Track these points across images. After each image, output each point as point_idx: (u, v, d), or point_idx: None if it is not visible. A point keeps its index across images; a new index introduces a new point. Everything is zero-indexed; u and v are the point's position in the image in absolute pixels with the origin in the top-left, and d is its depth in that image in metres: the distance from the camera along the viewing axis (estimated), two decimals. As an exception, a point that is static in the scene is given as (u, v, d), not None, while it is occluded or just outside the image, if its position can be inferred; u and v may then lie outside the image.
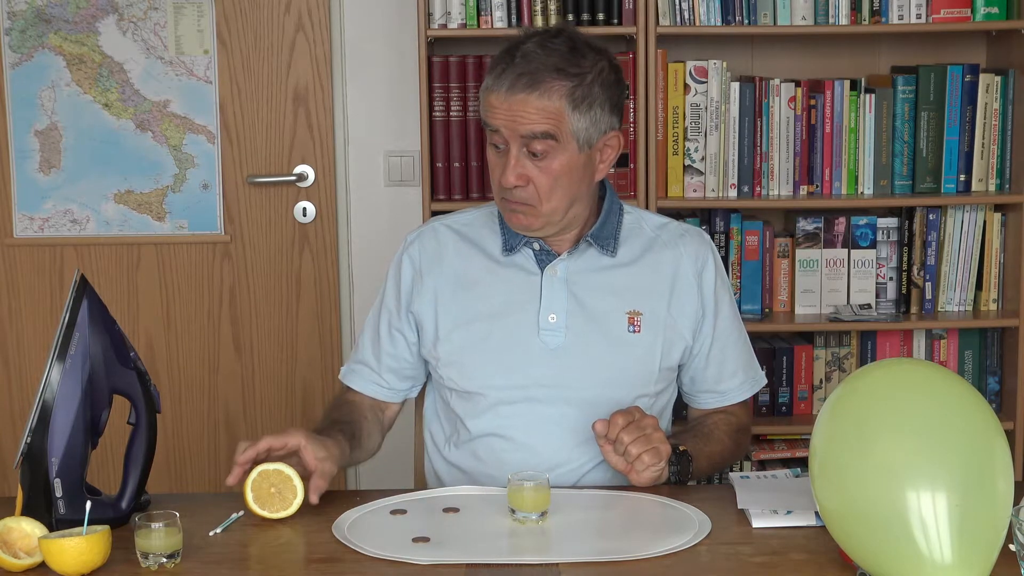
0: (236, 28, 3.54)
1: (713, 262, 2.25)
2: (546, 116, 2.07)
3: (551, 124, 2.07)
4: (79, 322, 1.87)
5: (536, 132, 2.07)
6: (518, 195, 2.11)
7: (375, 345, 2.28)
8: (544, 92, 2.07)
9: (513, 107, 2.07)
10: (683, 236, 2.25)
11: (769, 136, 3.28)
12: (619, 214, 2.24)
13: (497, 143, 2.11)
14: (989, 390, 3.38)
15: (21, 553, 1.76)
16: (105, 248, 3.61)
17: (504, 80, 2.08)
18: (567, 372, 2.16)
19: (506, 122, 2.08)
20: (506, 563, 1.76)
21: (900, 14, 3.21)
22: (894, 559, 1.56)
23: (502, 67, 2.09)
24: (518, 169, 2.09)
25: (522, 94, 2.07)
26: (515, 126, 2.08)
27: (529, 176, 2.10)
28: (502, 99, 2.08)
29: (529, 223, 2.14)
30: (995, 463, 1.59)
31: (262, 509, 1.92)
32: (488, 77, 2.12)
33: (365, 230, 3.61)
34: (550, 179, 2.10)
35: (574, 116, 2.08)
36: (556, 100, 2.07)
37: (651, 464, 2.00)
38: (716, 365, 2.25)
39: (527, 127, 2.07)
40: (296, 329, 3.64)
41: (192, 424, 3.66)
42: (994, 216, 3.32)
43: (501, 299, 2.20)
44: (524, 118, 2.07)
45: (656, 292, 2.20)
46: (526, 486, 1.89)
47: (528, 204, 2.11)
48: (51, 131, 3.56)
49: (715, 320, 2.24)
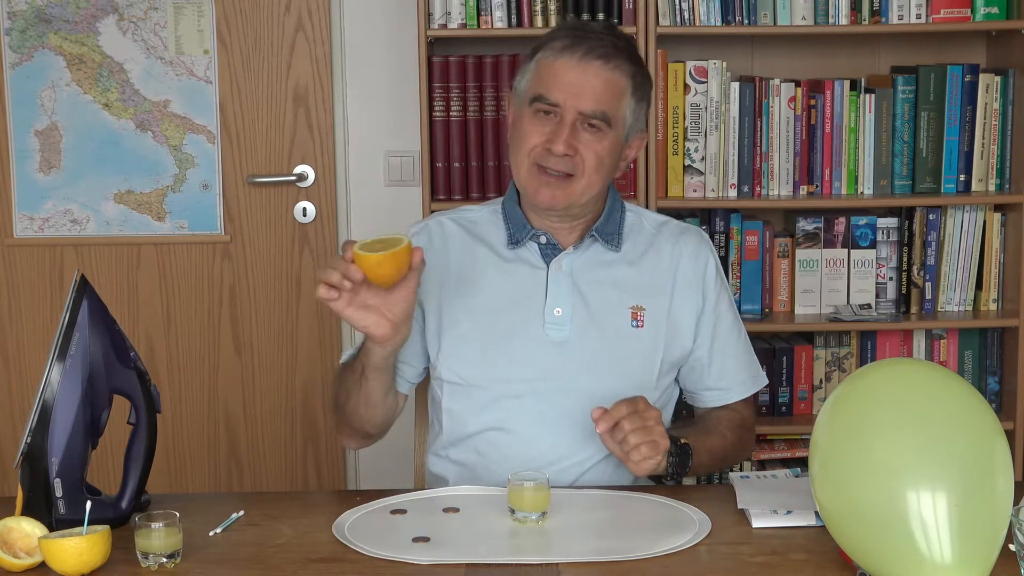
0: (236, 28, 3.54)
1: (713, 260, 2.26)
2: (612, 93, 2.11)
3: (612, 104, 2.11)
4: (79, 322, 1.87)
5: (597, 112, 2.10)
6: (562, 164, 2.11)
7: None
8: (616, 67, 2.11)
9: (584, 77, 2.09)
10: (683, 234, 2.26)
11: (769, 136, 3.28)
12: (621, 211, 2.25)
13: (544, 110, 2.12)
14: (989, 390, 3.38)
15: (21, 553, 1.76)
16: (105, 248, 3.61)
17: (577, 48, 2.10)
18: (571, 366, 2.16)
19: (570, 94, 2.09)
20: (506, 563, 1.76)
21: (900, 14, 3.21)
22: (894, 559, 1.56)
23: (572, 38, 2.11)
24: (571, 139, 2.10)
25: (597, 62, 2.10)
26: (578, 100, 2.09)
27: (577, 148, 2.11)
28: (572, 66, 2.09)
29: (556, 198, 2.14)
30: (995, 463, 1.59)
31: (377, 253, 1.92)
32: (548, 49, 2.13)
33: (365, 230, 3.60)
34: (597, 157, 2.12)
35: (630, 101, 2.14)
36: (623, 78, 2.12)
37: (648, 456, 2.00)
38: (719, 362, 2.26)
39: (590, 105, 2.10)
40: (296, 329, 3.64)
41: (192, 424, 3.66)
42: (994, 216, 3.32)
43: (506, 292, 2.20)
44: (590, 92, 2.09)
45: (658, 288, 2.21)
46: (526, 486, 1.89)
47: (568, 174, 2.12)
48: (51, 131, 3.56)
49: (716, 318, 2.25)
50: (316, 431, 3.67)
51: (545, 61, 2.13)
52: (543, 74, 2.12)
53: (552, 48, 2.12)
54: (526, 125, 2.14)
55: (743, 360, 2.29)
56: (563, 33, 2.14)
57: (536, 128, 2.12)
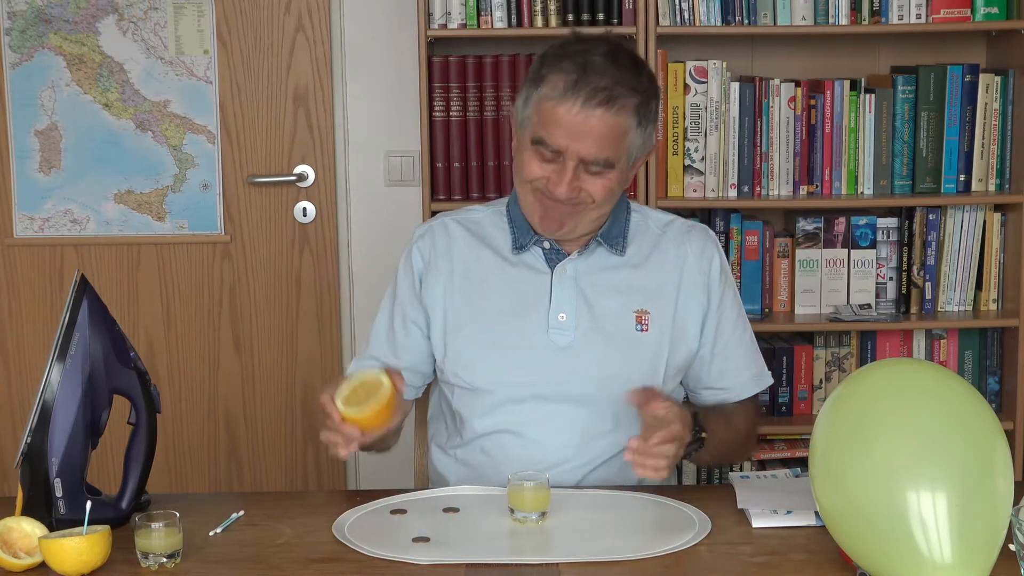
0: (236, 28, 3.54)
1: (718, 258, 2.25)
2: (615, 136, 2.05)
3: (616, 148, 2.06)
4: (79, 322, 1.87)
5: (600, 159, 2.06)
6: (566, 203, 2.09)
7: (391, 342, 2.25)
8: (620, 109, 2.04)
9: (587, 125, 2.03)
10: (689, 233, 2.25)
11: (769, 136, 3.28)
12: (626, 213, 2.24)
13: (545, 154, 2.08)
14: (989, 390, 3.38)
15: (21, 553, 1.76)
16: (105, 248, 3.61)
17: (579, 93, 2.03)
18: (575, 370, 2.16)
19: (572, 140, 2.04)
20: (506, 563, 1.76)
21: (900, 14, 3.21)
22: (894, 559, 1.56)
23: (572, 78, 2.04)
24: (574, 182, 2.07)
25: (599, 109, 2.03)
26: (580, 147, 2.04)
27: (582, 187, 2.09)
28: (575, 112, 2.03)
29: (561, 225, 2.13)
30: (995, 463, 1.59)
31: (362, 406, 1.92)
32: (549, 87, 2.05)
33: (365, 230, 3.61)
34: (605, 191, 2.09)
35: (636, 133, 2.09)
36: (627, 117, 2.06)
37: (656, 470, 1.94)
38: (720, 362, 2.25)
39: (593, 152, 2.05)
40: (296, 329, 3.64)
41: (192, 424, 3.66)
42: (994, 216, 3.32)
43: (511, 297, 2.20)
44: (593, 141, 2.04)
45: (664, 291, 2.20)
46: (526, 486, 1.89)
47: (575, 206, 2.10)
48: (51, 131, 3.56)
49: (719, 316, 2.24)
50: (316, 431, 3.65)
51: (546, 105, 2.06)
52: (544, 118, 2.06)
53: (554, 87, 2.05)
54: (527, 158, 2.11)
55: (745, 360, 2.28)
56: (566, 68, 2.05)
57: (537, 164, 2.10)
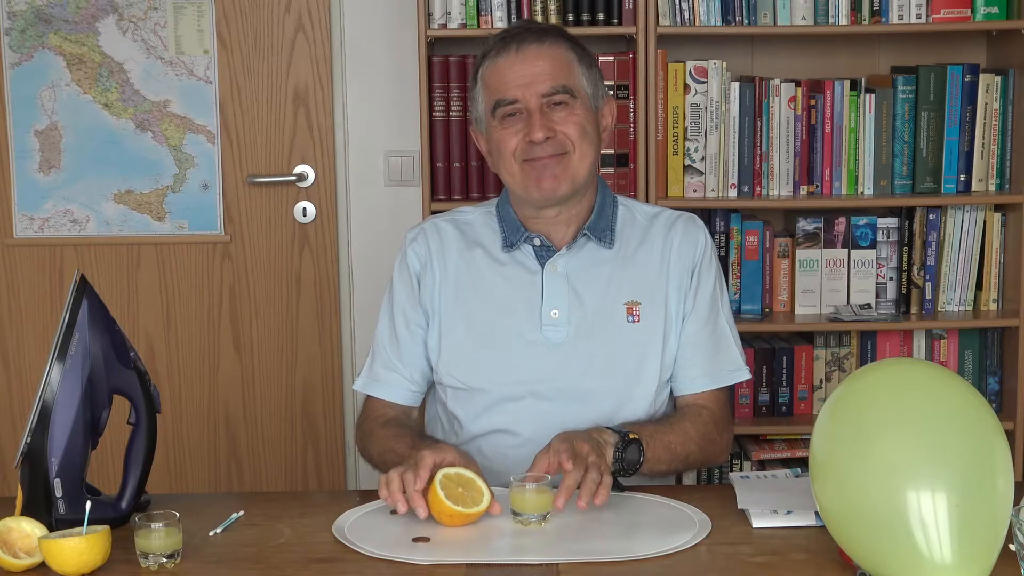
0: (236, 28, 3.54)
1: (703, 241, 2.24)
2: (559, 66, 2.15)
3: (566, 75, 2.15)
4: (79, 322, 1.87)
5: (555, 87, 2.14)
6: (548, 147, 2.13)
7: (396, 349, 2.26)
8: (552, 43, 2.16)
9: (527, 65, 2.14)
10: (675, 221, 2.26)
11: (769, 136, 3.28)
12: (613, 206, 2.25)
13: (508, 112, 2.15)
14: (989, 390, 3.38)
15: (21, 553, 1.76)
16: (105, 248, 3.61)
17: (510, 44, 2.15)
18: (571, 367, 2.16)
19: (522, 85, 2.13)
20: (506, 563, 1.76)
21: (900, 14, 3.21)
22: (894, 559, 1.56)
23: (500, 38, 2.17)
24: (545, 123, 2.13)
25: (533, 46, 2.14)
26: (533, 86, 2.13)
27: (555, 127, 2.14)
28: (513, 61, 2.14)
29: (558, 182, 2.14)
30: (995, 463, 1.59)
31: (457, 505, 1.86)
32: (487, 59, 2.18)
33: (365, 230, 3.61)
34: (577, 128, 2.15)
35: (581, 68, 2.17)
36: (564, 50, 2.17)
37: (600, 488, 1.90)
38: (686, 350, 2.20)
39: (545, 84, 2.13)
40: (296, 329, 3.64)
41: (192, 424, 3.66)
42: (994, 216, 3.32)
43: (503, 296, 2.20)
44: (540, 75, 2.14)
45: (653, 282, 2.21)
46: (528, 488, 1.89)
47: (560, 153, 2.14)
48: (51, 131, 3.56)
49: (694, 300, 2.21)
50: (316, 431, 3.67)
51: (487, 71, 2.18)
52: (491, 83, 2.17)
53: (488, 58, 2.18)
54: (499, 136, 2.16)
55: (714, 349, 2.21)
56: (491, 43, 2.19)
57: (509, 132, 2.15)
